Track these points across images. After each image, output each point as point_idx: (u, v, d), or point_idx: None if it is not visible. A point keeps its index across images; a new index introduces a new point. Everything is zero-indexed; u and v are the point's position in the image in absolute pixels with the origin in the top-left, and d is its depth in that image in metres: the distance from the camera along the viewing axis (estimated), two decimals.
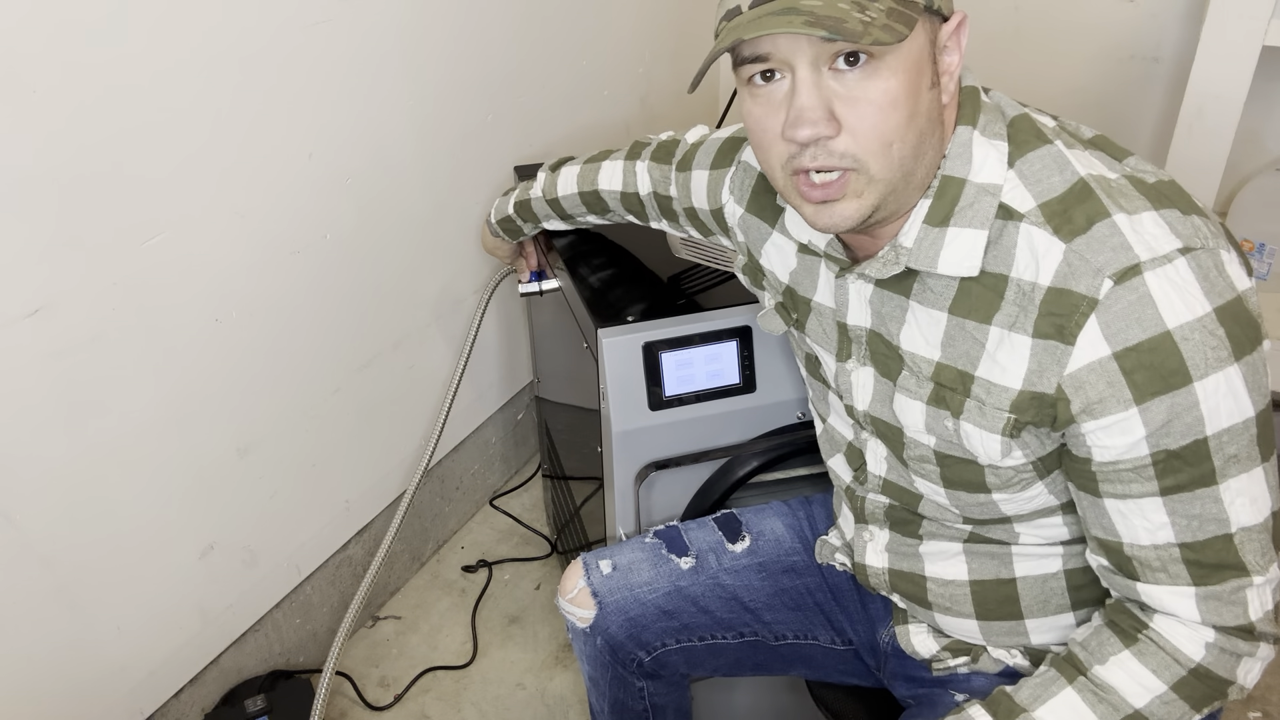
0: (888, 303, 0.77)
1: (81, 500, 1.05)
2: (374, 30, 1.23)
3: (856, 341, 0.81)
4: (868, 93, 0.65)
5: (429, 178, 1.41)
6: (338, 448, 1.39)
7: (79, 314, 0.98)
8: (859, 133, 0.66)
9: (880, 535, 0.89)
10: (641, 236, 1.18)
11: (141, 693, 1.20)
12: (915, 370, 0.77)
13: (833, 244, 0.80)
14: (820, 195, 0.69)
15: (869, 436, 0.85)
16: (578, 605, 0.98)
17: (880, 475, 0.86)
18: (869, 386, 0.82)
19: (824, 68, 0.65)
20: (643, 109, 1.90)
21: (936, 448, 0.78)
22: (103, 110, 0.94)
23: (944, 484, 0.80)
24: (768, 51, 0.66)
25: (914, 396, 0.77)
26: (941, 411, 0.75)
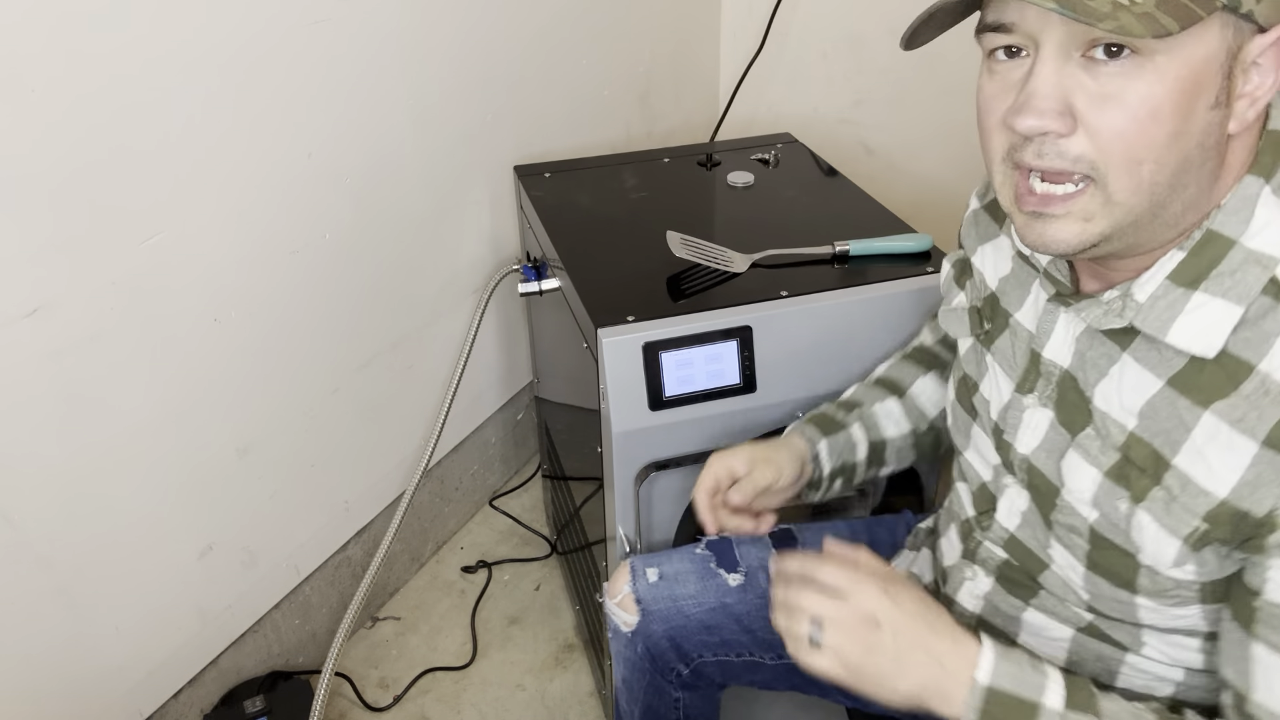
0: (1096, 347, 0.66)
1: (80, 500, 1.05)
2: (374, 30, 1.23)
3: (1046, 377, 0.70)
4: (1122, 93, 0.54)
5: (429, 178, 1.40)
6: (337, 448, 1.39)
7: (77, 313, 0.98)
8: (1101, 136, 0.55)
9: (983, 581, 0.80)
10: (641, 236, 1.18)
11: (140, 693, 1.20)
12: (1103, 432, 0.65)
13: (1057, 264, 0.69)
14: (1035, 204, 0.59)
15: (1012, 484, 0.75)
16: (623, 609, 0.96)
17: (1008, 530, 0.76)
18: (1040, 431, 0.71)
19: (1075, 54, 0.55)
20: (643, 109, 1.89)
21: (1096, 525, 0.67)
22: (101, 109, 0.94)
23: (1087, 565, 0.69)
24: (1013, 20, 0.56)
25: (1091, 461, 0.66)
26: (1119, 489, 0.64)
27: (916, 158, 2.01)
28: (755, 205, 1.27)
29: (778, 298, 1.03)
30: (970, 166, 1.96)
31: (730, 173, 1.34)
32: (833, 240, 1.11)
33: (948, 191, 2.00)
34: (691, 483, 1.06)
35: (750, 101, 2.10)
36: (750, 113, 2.12)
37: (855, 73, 1.99)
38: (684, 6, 1.93)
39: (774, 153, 1.42)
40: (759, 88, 2.09)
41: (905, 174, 2.03)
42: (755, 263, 1.10)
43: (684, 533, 1.08)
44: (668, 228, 1.14)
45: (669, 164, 1.41)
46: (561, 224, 1.24)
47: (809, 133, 2.03)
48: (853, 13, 1.93)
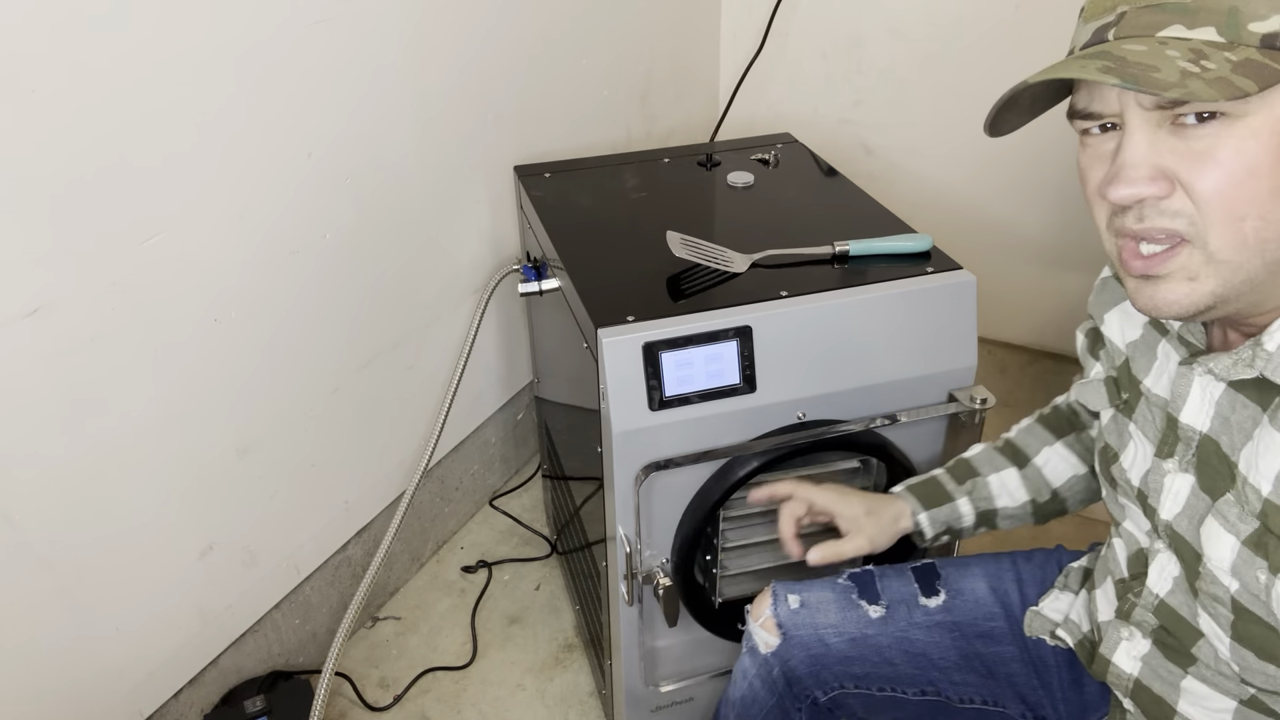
0: (1239, 411, 0.64)
1: (81, 500, 1.05)
2: (374, 30, 1.23)
3: (1185, 442, 0.69)
4: (1216, 151, 0.54)
5: (429, 178, 1.41)
6: (337, 448, 1.39)
7: (78, 314, 0.98)
8: (1199, 193, 0.55)
9: (1140, 643, 0.77)
10: (641, 237, 1.18)
11: (141, 693, 1.20)
12: (1242, 499, 0.63)
13: (1190, 326, 0.68)
14: (1142, 268, 0.59)
15: (1162, 550, 0.73)
16: (765, 630, 0.96)
17: (1158, 595, 0.74)
18: (1182, 497, 0.69)
19: (1165, 123, 0.56)
20: (643, 109, 1.89)
21: (1238, 596, 0.65)
22: (102, 110, 0.94)
23: (1233, 636, 0.67)
24: (1099, 110, 0.58)
25: (1229, 529, 0.64)
26: (1258, 560, 0.62)
27: (916, 158, 2.01)
28: (755, 205, 1.27)
29: (778, 298, 1.03)
30: (970, 167, 1.96)
31: (730, 173, 1.34)
32: (833, 240, 1.11)
33: (948, 191, 2.00)
34: (692, 483, 1.06)
35: (750, 101, 2.10)
36: (750, 113, 2.12)
37: (855, 73, 1.99)
38: (684, 6, 1.93)
39: (774, 153, 1.42)
40: (759, 88, 2.09)
41: (905, 174, 2.03)
42: (755, 263, 1.10)
43: (683, 533, 1.08)
44: (668, 228, 1.14)
45: (669, 164, 1.41)
46: (561, 224, 1.24)
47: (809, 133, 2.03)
48: (852, 13, 1.93)
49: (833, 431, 1.05)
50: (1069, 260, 1.93)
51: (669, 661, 1.21)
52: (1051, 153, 1.86)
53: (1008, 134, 0.66)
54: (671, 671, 1.22)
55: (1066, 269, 1.94)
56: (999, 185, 1.95)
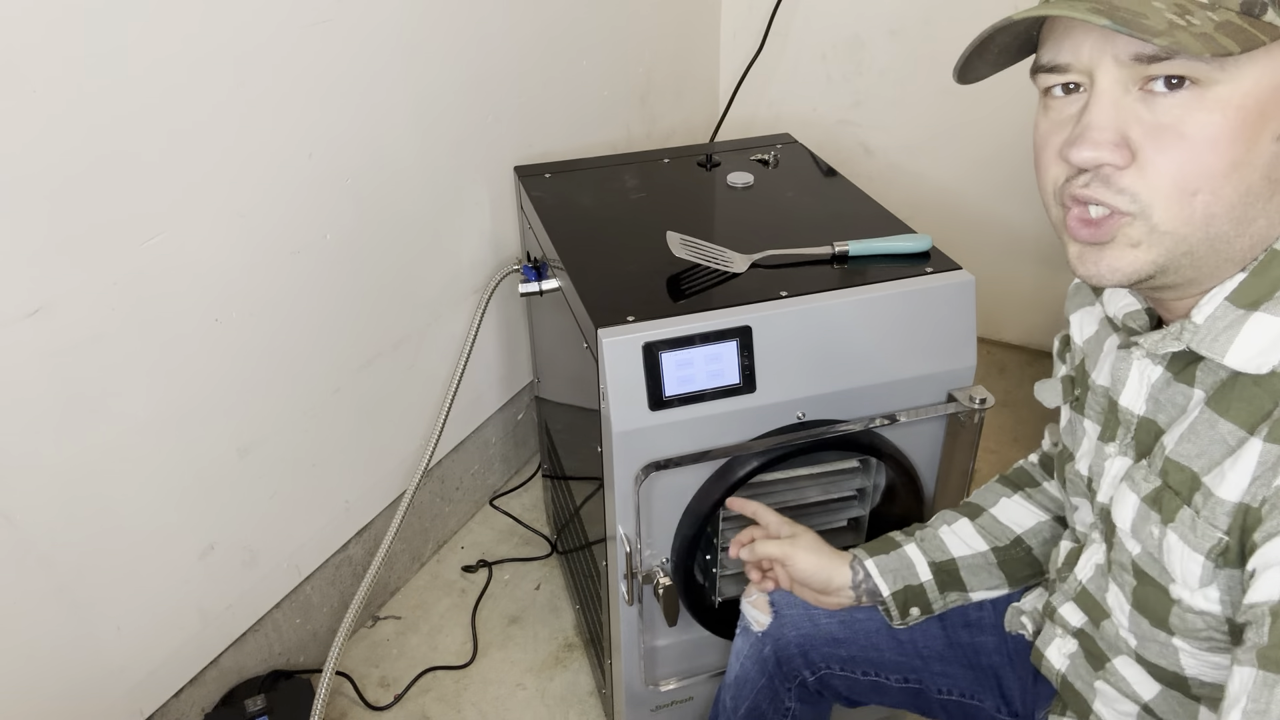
0: (1171, 389, 0.65)
1: (81, 500, 1.05)
2: (374, 30, 1.23)
3: (1125, 426, 0.70)
4: (1182, 123, 0.53)
5: (430, 178, 1.41)
6: (337, 448, 1.39)
7: (78, 314, 0.98)
8: (1154, 169, 0.55)
9: (1070, 642, 0.80)
10: (641, 237, 1.18)
11: (141, 693, 1.20)
12: (1154, 462, 0.65)
13: (1135, 315, 0.69)
14: (1088, 235, 0.58)
15: (1097, 539, 0.75)
16: (757, 608, 0.98)
17: (1080, 581, 0.76)
18: (1119, 478, 0.70)
19: (1134, 88, 0.55)
20: (643, 109, 1.90)
21: (1138, 560, 0.67)
22: (102, 110, 0.94)
23: (1132, 603, 0.69)
24: (1067, 61, 0.57)
25: (1133, 488, 0.66)
26: (1153, 514, 0.64)
27: (916, 158, 2.01)
28: (755, 205, 1.27)
29: (777, 298, 1.03)
30: (969, 167, 1.96)
31: (730, 173, 1.34)
32: (832, 240, 1.11)
33: (947, 191, 2.01)
34: (692, 482, 1.06)
35: (750, 102, 2.11)
36: (750, 113, 2.12)
37: (854, 73, 2.00)
38: (684, 7, 1.93)
39: (774, 153, 1.42)
40: (759, 88, 2.09)
41: (905, 174, 2.04)
42: (755, 263, 1.10)
43: (683, 533, 1.08)
44: (668, 228, 1.14)
45: (669, 164, 1.42)
46: (562, 224, 1.24)
47: (809, 133, 2.04)
48: (852, 14, 1.94)
49: (832, 431, 1.05)
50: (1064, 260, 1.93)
51: (669, 661, 1.21)
52: None
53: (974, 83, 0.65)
54: (671, 671, 1.22)
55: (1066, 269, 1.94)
56: (999, 185, 1.95)
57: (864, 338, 1.05)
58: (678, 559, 1.10)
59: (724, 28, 2.09)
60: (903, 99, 1.96)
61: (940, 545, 0.94)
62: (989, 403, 1.07)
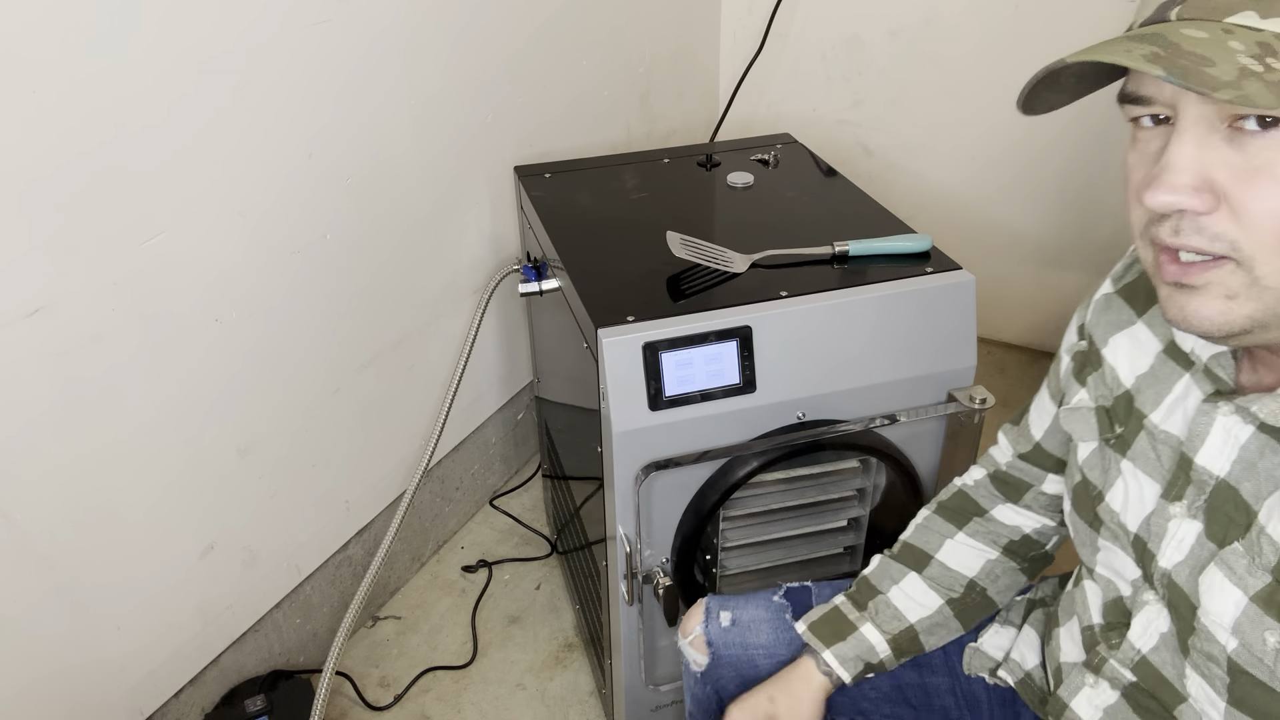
0: (1269, 456, 0.57)
1: (81, 500, 1.05)
2: (374, 30, 1.23)
3: (1199, 486, 0.62)
4: (1273, 165, 0.48)
5: (429, 178, 1.41)
6: (338, 448, 1.39)
7: (79, 314, 0.98)
8: (1248, 214, 0.49)
9: (1106, 693, 0.71)
10: (641, 237, 1.18)
11: (141, 692, 1.20)
12: (1254, 550, 0.57)
13: (1221, 359, 0.61)
14: (1176, 274, 0.53)
15: (1152, 601, 0.66)
16: (694, 648, 0.94)
17: (1140, 651, 0.68)
18: (1187, 544, 0.63)
19: (1220, 125, 0.50)
20: (643, 109, 1.90)
21: (1235, 656, 0.59)
22: (102, 110, 0.94)
23: (1229, 701, 0.61)
24: (1150, 94, 0.52)
25: (1236, 581, 0.58)
26: (1268, 619, 0.56)
27: (916, 158, 2.01)
28: (755, 205, 1.27)
29: (778, 298, 1.03)
30: (970, 167, 1.97)
31: (730, 173, 1.34)
32: (832, 240, 1.11)
33: (947, 191, 2.01)
34: (692, 482, 1.06)
35: (750, 102, 2.11)
36: (750, 113, 2.13)
37: (854, 73, 2.00)
38: (684, 7, 1.94)
39: (774, 153, 1.42)
40: (759, 88, 2.09)
41: (905, 174, 2.04)
42: (755, 263, 1.10)
43: (683, 533, 1.08)
44: (668, 228, 1.14)
45: (669, 164, 1.42)
46: (561, 224, 1.24)
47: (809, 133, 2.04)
48: (852, 14, 1.94)
49: (832, 431, 1.05)
50: (1068, 260, 1.93)
51: (669, 661, 1.21)
52: (1052, 153, 1.86)
53: (1044, 113, 0.59)
54: (671, 671, 1.22)
55: (1066, 269, 1.94)
56: (999, 185, 1.95)
57: (864, 338, 1.05)
58: (678, 559, 1.10)
59: (724, 28, 2.09)
60: (903, 99, 1.96)
61: (895, 614, 0.87)
62: (989, 403, 1.07)
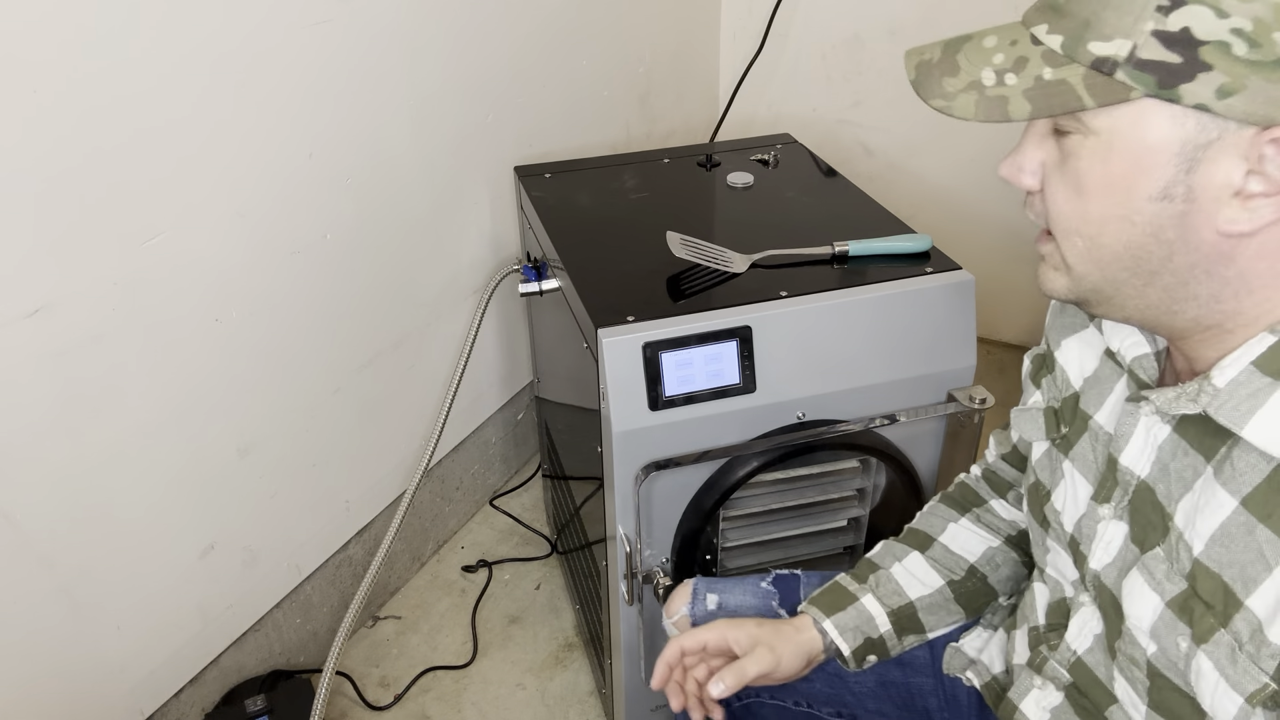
0: (1180, 458, 0.59)
1: (81, 500, 1.05)
2: (374, 30, 1.23)
3: (1123, 487, 0.64)
4: (1064, 164, 0.56)
5: (429, 178, 1.41)
6: (338, 448, 1.39)
7: (79, 314, 0.98)
8: (1047, 202, 0.58)
9: (1052, 694, 0.73)
10: (641, 237, 1.18)
11: (141, 692, 1.20)
12: (1173, 555, 0.58)
13: (1144, 360, 0.63)
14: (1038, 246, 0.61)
15: (1087, 603, 0.68)
16: (679, 629, 0.93)
17: (1076, 652, 0.70)
18: (1114, 546, 0.64)
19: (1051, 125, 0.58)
20: (643, 109, 1.90)
21: (1154, 660, 0.60)
22: (103, 110, 0.94)
23: (1149, 704, 0.62)
24: None
25: (1155, 587, 0.59)
26: (1180, 625, 0.57)
27: (916, 158, 2.01)
28: (755, 205, 1.27)
29: (778, 298, 1.03)
30: (969, 167, 1.96)
31: (730, 173, 1.34)
32: (832, 240, 1.11)
33: (947, 191, 2.01)
34: (692, 482, 1.06)
35: (750, 102, 2.11)
36: (750, 113, 2.13)
37: (855, 73, 2.00)
38: (684, 6, 1.94)
39: (774, 153, 1.42)
40: (759, 88, 2.09)
41: (905, 174, 2.04)
42: (755, 263, 1.10)
43: (683, 533, 1.08)
44: (668, 228, 1.14)
45: (669, 164, 1.42)
46: (561, 224, 1.24)
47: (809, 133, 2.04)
48: (852, 13, 1.94)
49: (832, 431, 1.05)
50: None
51: None
52: None
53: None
54: None
55: None
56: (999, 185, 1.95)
57: (864, 338, 1.05)
58: (678, 559, 1.10)
59: (724, 28, 2.09)
60: (903, 99, 1.96)
61: (896, 589, 0.88)
62: (989, 403, 1.07)
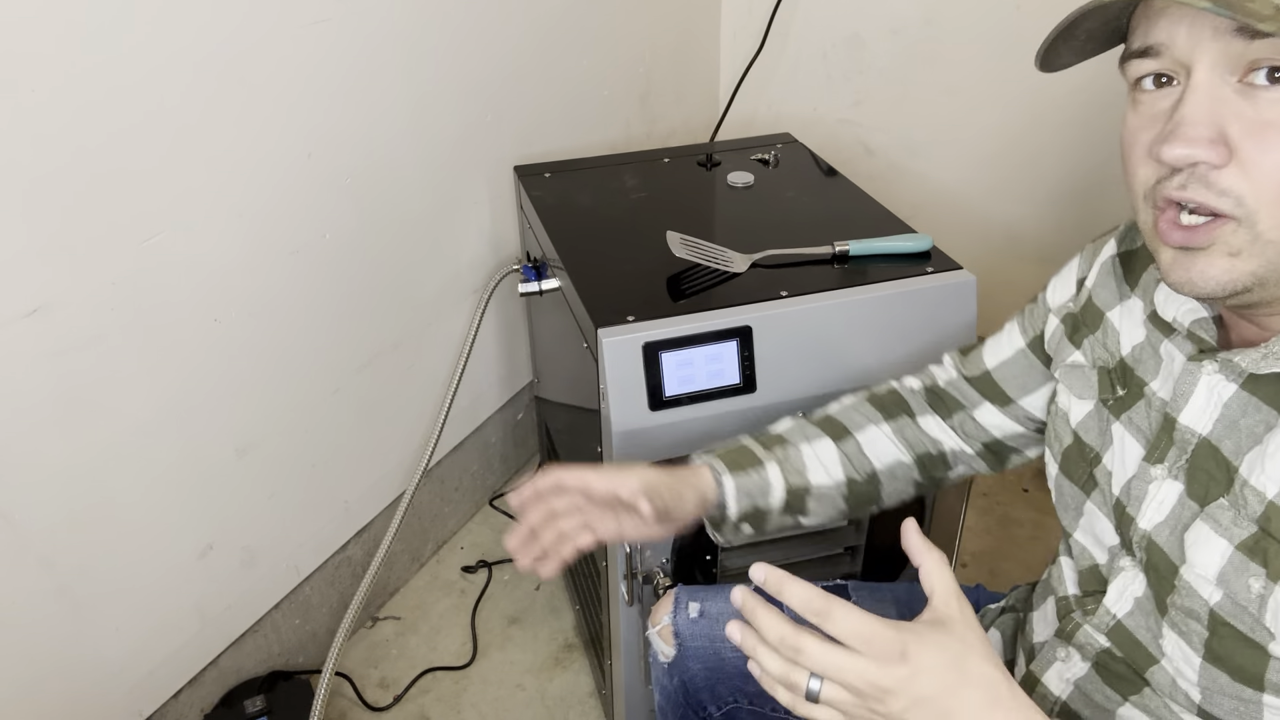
0: (1251, 414, 0.58)
1: (80, 500, 1.05)
2: (374, 30, 1.23)
3: (1180, 446, 0.62)
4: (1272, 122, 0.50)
5: (429, 178, 1.41)
6: (337, 448, 1.39)
7: (78, 314, 0.98)
8: (1258, 169, 0.51)
9: (1076, 665, 0.72)
10: (641, 236, 1.18)
11: (140, 693, 1.20)
12: (1239, 503, 0.58)
13: (1204, 323, 0.62)
14: (1180, 238, 0.54)
15: (1129, 566, 0.67)
16: (662, 638, 0.93)
17: (1115, 616, 0.68)
18: (1167, 505, 0.63)
19: (1231, 78, 0.51)
20: (643, 109, 1.89)
21: (1218, 608, 0.59)
22: (101, 109, 0.94)
23: (1205, 656, 0.61)
24: (1161, 41, 0.53)
25: (1221, 533, 0.59)
26: (1253, 565, 0.57)
27: (916, 158, 2.01)
28: (755, 205, 1.27)
29: (778, 298, 1.03)
30: (970, 167, 1.96)
31: (730, 173, 1.34)
32: (833, 240, 1.11)
33: (948, 191, 2.00)
34: None
35: (750, 101, 2.11)
36: (750, 113, 2.12)
37: (855, 73, 1.99)
38: (684, 7, 1.93)
39: (774, 153, 1.42)
40: (759, 88, 2.09)
41: (905, 174, 2.03)
42: (755, 263, 1.10)
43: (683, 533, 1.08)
44: (668, 228, 1.14)
45: (669, 164, 1.41)
46: (561, 224, 1.24)
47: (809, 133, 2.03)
48: (853, 13, 1.93)
49: None
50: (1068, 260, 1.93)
51: None
52: (1052, 152, 1.86)
53: (1057, 70, 0.61)
54: None
55: None
56: (999, 185, 1.95)
57: (864, 338, 1.04)
58: (678, 559, 1.09)
59: (724, 28, 2.09)
60: (903, 98, 1.96)
61: (800, 468, 0.85)
62: None
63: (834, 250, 1.10)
